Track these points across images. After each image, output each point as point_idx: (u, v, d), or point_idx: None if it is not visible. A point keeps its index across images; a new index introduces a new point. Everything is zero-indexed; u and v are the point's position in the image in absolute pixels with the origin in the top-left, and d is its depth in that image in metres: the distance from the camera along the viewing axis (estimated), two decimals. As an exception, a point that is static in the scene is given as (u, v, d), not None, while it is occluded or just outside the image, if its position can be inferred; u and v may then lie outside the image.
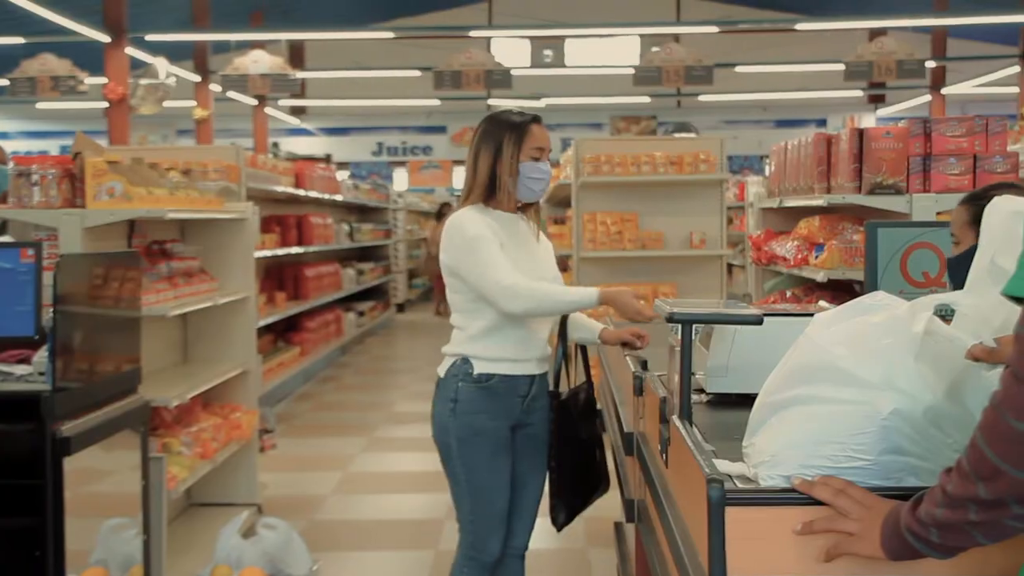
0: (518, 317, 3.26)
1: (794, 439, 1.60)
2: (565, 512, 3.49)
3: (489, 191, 3.38)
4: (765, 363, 2.33)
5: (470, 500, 3.39)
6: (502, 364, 3.35)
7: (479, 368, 3.34)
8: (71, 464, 3.24)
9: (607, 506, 3.73)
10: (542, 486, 3.55)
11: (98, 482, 3.80)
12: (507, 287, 3.18)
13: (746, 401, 2.28)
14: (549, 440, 3.50)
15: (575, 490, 3.51)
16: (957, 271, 2.80)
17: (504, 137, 3.37)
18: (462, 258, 3.29)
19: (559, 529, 3.51)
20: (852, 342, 1.61)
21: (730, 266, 10.80)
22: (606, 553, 4.97)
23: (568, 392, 3.53)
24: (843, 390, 1.58)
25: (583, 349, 3.69)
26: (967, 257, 2.78)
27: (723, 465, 1.71)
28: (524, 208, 3.50)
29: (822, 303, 2.76)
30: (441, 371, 3.42)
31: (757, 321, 2.10)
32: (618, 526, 4.53)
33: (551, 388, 3.51)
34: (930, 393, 1.56)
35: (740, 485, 1.65)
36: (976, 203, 2.80)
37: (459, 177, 24.75)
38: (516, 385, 3.38)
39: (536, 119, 3.42)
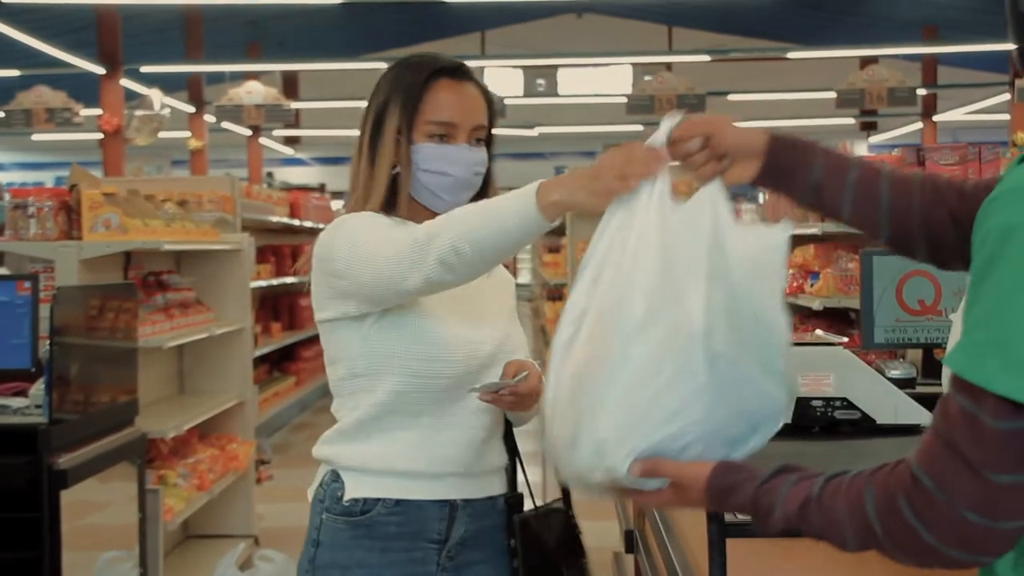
0: (442, 284, 1.77)
1: (620, 418, 1.40)
2: None
3: (387, 194, 2.03)
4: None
5: None
6: (392, 480, 1.97)
7: (352, 489, 1.98)
8: (68, 497, 3.24)
9: (606, 536, 3.72)
10: None
11: (95, 514, 3.79)
12: (409, 246, 1.76)
13: (745, 430, 2.29)
14: None
15: None
16: None
17: (388, 100, 2.03)
18: (333, 270, 1.94)
19: None
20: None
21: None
22: (604, 583, 4.95)
23: (535, 510, 2.09)
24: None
25: None
26: None
27: (723, 495, 1.70)
28: None
29: (819, 332, 2.77)
30: (310, 491, 2.09)
31: (755, 350, 2.11)
32: (617, 556, 4.52)
33: (509, 510, 2.06)
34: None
35: (740, 516, 1.65)
36: None
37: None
38: (420, 520, 1.98)
39: (449, 69, 2.04)
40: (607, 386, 1.39)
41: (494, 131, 2.11)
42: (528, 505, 2.09)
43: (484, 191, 2.08)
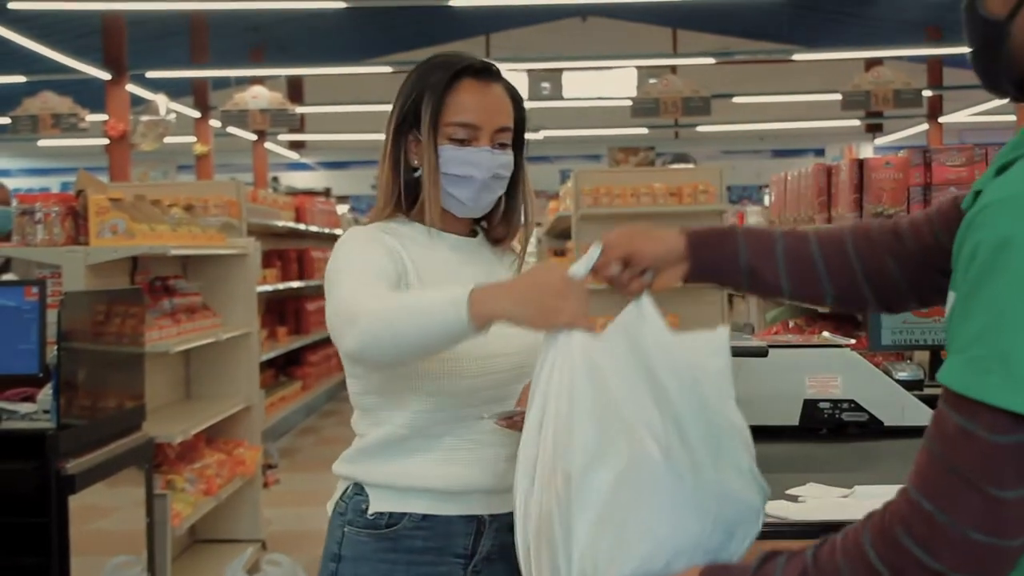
0: (367, 362, 1.79)
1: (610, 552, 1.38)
2: None
3: (408, 197, 2.00)
4: (771, 395, 2.34)
5: None
6: (417, 497, 1.94)
7: (377, 503, 1.95)
8: (76, 502, 3.24)
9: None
10: None
11: (102, 519, 3.79)
12: (344, 313, 1.74)
13: (752, 433, 2.28)
14: None
15: None
16: None
17: (411, 101, 1.98)
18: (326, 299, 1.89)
19: None
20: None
21: (731, 296, 10.82)
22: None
23: None
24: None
25: None
26: None
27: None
28: (494, 233, 2.10)
29: (826, 334, 2.77)
30: (330, 504, 2.06)
31: (762, 353, 2.11)
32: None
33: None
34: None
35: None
36: None
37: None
38: (447, 535, 1.95)
39: (473, 69, 1.98)
40: (576, 522, 1.38)
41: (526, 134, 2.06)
42: None
43: (513, 194, 2.06)
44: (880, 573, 1.17)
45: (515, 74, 23.49)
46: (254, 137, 20.04)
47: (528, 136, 2.07)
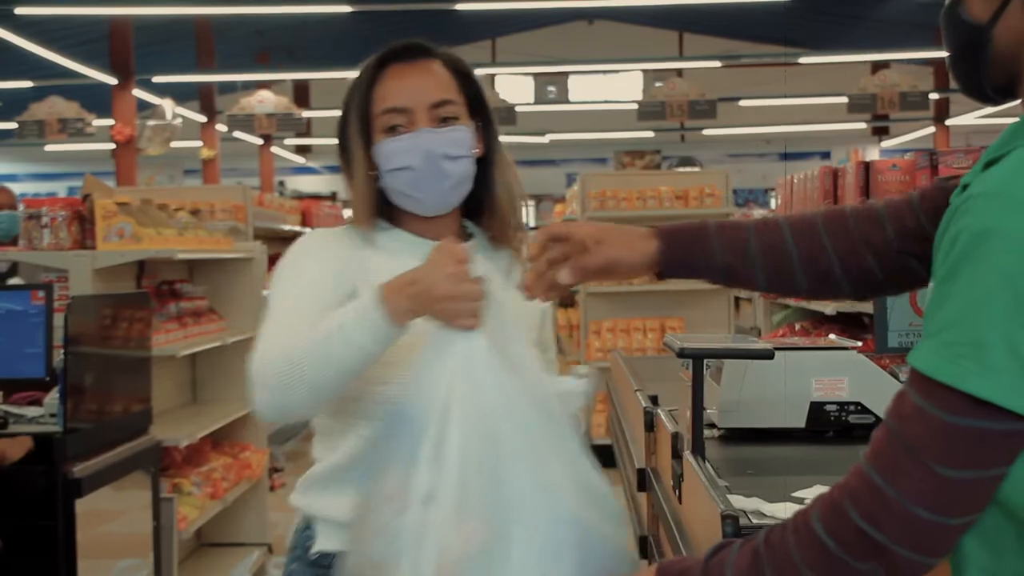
0: (282, 415, 1.66)
1: None
2: None
3: (379, 204, 1.83)
4: (777, 397, 2.34)
5: None
6: None
7: (322, 541, 1.77)
8: (82, 505, 3.25)
9: (619, 542, 3.71)
10: None
11: (109, 523, 3.80)
12: (254, 364, 1.65)
13: (759, 436, 2.28)
14: None
15: None
16: None
17: (345, 105, 1.85)
18: None
19: None
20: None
21: (737, 299, 10.81)
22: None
23: None
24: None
25: None
26: None
27: (737, 500, 1.70)
28: (488, 229, 1.88)
29: (832, 337, 2.77)
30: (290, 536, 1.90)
31: (768, 355, 2.10)
32: (630, 562, 4.50)
33: None
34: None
35: (754, 520, 1.64)
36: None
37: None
38: None
39: (395, 53, 1.82)
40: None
41: (491, 105, 1.86)
42: None
43: (490, 174, 1.84)
44: (826, 545, 1.19)
45: (521, 78, 23.50)
46: (260, 141, 20.08)
47: (534, 139, 2.02)
